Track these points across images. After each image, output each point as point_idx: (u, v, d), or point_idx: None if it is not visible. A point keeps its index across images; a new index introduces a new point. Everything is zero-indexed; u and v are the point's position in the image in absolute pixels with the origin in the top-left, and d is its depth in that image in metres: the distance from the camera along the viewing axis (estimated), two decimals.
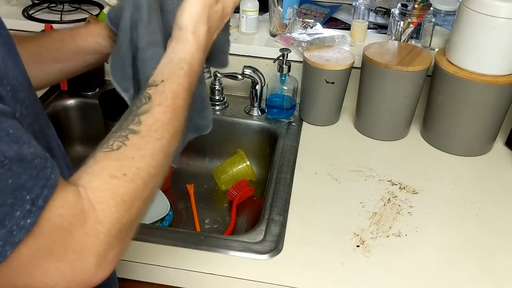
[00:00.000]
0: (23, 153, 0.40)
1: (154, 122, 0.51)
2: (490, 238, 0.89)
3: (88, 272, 0.44)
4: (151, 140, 0.50)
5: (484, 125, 1.08)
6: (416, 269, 0.81)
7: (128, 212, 0.47)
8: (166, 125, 0.52)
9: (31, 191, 0.39)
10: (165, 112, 0.53)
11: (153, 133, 0.51)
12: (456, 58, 1.05)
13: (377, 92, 1.10)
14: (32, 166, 0.40)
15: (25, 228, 0.39)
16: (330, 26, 1.49)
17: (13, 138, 0.40)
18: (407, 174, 1.04)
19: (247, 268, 0.79)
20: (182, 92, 0.55)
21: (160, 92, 0.53)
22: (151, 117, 0.51)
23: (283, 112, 1.20)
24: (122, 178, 0.47)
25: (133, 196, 0.47)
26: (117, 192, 0.46)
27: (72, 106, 1.26)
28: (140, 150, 0.49)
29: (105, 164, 0.47)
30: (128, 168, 0.47)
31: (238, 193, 1.12)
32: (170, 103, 0.53)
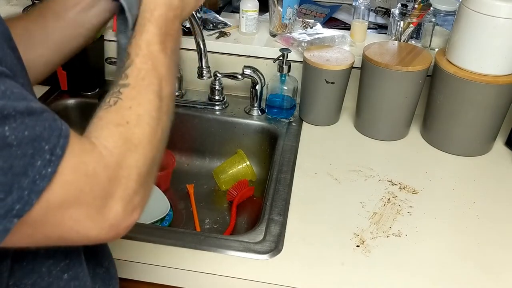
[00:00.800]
0: (33, 107, 0.42)
1: (139, 72, 0.54)
2: (490, 238, 0.89)
3: (116, 217, 0.46)
4: (142, 88, 0.53)
5: (484, 125, 1.08)
6: (416, 269, 0.81)
7: (143, 155, 0.50)
8: (150, 71, 0.55)
9: (49, 141, 0.41)
10: (145, 60, 0.55)
11: (141, 82, 0.54)
12: (456, 58, 1.05)
13: (377, 92, 1.10)
14: (43, 118, 0.42)
15: (47, 177, 0.41)
16: (330, 26, 1.49)
17: (19, 96, 0.41)
18: (407, 174, 1.04)
19: (247, 268, 0.79)
20: (153, 37, 0.57)
21: (134, 46, 0.57)
22: (134, 69, 0.55)
23: (283, 112, 1.20)
24: (127, 125, 0.50)
25: (142, 139, 0.50)
26: (127, 138, 0.49)
27: (72, 106, 1.26)
28: (135, 99, 0.52)
29: (108, 118, 0.50)
30: (129, 116, 0.51)
31: (238, 193, 1.12)
32: (146, 51, 0.56)
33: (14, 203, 0.40)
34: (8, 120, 0.39)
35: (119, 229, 0.48)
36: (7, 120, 0.39)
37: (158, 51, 0.57)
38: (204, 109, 1.23)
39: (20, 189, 0.40)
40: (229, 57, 1.26)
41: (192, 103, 1.24)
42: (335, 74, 1.11)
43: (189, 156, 1.26)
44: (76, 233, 0.45)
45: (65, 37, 0.70)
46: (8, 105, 0.40)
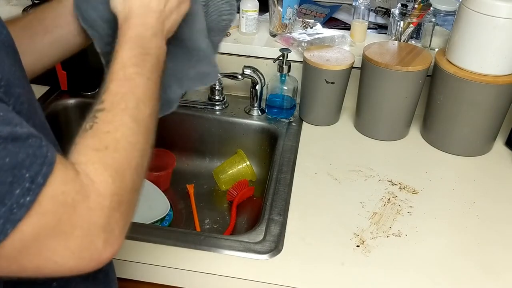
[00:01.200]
0: (17, 132, 0.40)
1: (114, 96, 0.54)
2: (490, 238, 0.89)
3: (97, 248, 0.45)
4: (117, 112, 0.52)
5: (484, 125, 1.08)
6: (416, 269, 0.81)
7: (123, 181, 0.48)
8: (126, 95, 0.54)
9: (30, 169, 0.40)
10: (120, 84, 0.55)
11: (116, 105, 0.53)
12: (456, 58, 1.05)
13: (377, 92, 1.10)
14: (28, 145, 0.41)
15: (25, 206, 0.40)
16: (330, 26, 1.49)
17: (4, 120, 0.40)
18: (407, 174, 1.04)
19: (247, 268, 0.79)
20: (127, 60, 0.57)
21: (109, 71, 0.56)
22: (109, 93, 0.54)
23: (283, 112, 1.20)
24: (105, 150, 0.49)
25: (122, 165, 0.49)
26: (107, 163, 0.48)
27: (72, 106, 1.26)
28: (111, 123, 0.51)
29: (85, 143, 0.49)
30: (107, 140, 0.49)
31: (238, 193, 1.12)
32: (121, 75, 0.55)
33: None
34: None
35: (101, 259, 0.46)
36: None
37: (134, 74, 0.56)
38: (204, 109, 1.23)
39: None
40: (229, 57, 1.26)
41: (192, 103, 1.24)
42: (335, 74, 1.11)
43: (189, 156, 1.27)
44: (54, 264, 0.43)
45: (52, 51, 0.70)
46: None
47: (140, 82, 0.56)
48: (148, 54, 0.59)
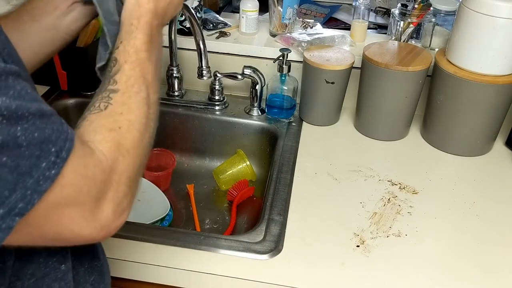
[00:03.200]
0: (44, 109, 0.43)
1: (128, 78, 0.56)
2: (490, 238, 0.89)
3: (107, 218, 0.48)
4: (132, 94, 0.55)
5: (484, 125, 1.08)
6: (416, 269, 0.81)
7: (133, 160, 0.52)
8: (139, 78, 0.56)
9: (55, 144, 0.43)
10: (134, 67, 0.57)
11: (130, 88, 0.55)
12: (456, 58, 1.05)
13: (377, 92, 1.10)
14: (52, 121, 0.44)
15: (50, 179, 0.42)
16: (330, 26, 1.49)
17: (32, 97, 0.43)
18: (407, 174, 1.04)
19: (247, 268, 0.79)
20: (141, 44, 0.59)
21: (122, 52, 0.58)
22: (123, 75, 0.56)
23: (283, 112, 1.20)
24: (119, 130, 0.52)
25: (132, 145, 0.52)
26: (119, 143, 0.51)
27: (72, 106, 1.26)
28: (125, 104, 0.54)
29: (100, 122, 0.52)
30: (121, 121, 0.52)
31: (238, 193, 1.12)
32: (135, 58, 0.57)
33: (17, 202, 0.41)
34: (21, 121, 0.41)
35: (110, 229, 0.49)
36: (20, 121, 0.41)
37: (146, 59, 0.58)
38: (204, 109, 1.23)
39: (24, 189, 0.41)
40: (229, 57, 1.26)
41: (192, 103, 1.24)
42: (335, 74, 1.11)
43: (189, 156, 1.27)
44: (70, 232, 0.46)
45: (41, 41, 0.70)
46: (23, 105, 0.41)
47: (149, 68, 0.58)
48: (155, 42, 0.61)
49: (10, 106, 0.40)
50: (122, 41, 0.59)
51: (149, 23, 0.61)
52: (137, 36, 0.59)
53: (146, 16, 0.61)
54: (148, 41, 0.60)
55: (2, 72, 0.41)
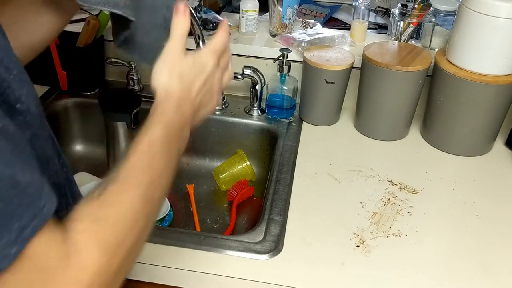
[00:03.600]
0: (17, 178, 0.38)
1: (131, 169, 0.52)
2: (490, 238, 0.89)
3: None
4: (129, 187, 0.50)
5: (484, 125, 1.08)
6: (416, 269, 0.81)
7: (111, 260, 0.45)
8: (142, 172, 0.52)
9: (21, 219, 0.38)
10: (141, 159, 0.53)
11: (130, 179, 0.51)
12: (456, 58, 1.05)
13: (377, 92, 1.10)
14: (26, 194, 0.39)
15: (8, 257, 0.37)
16: (330, 26, 1.49)
17: (8, 161, 0.38)
18: (407, 174, 1.04)
19: (247, 268, 0.79)
20: (157, 138, 0.55)
21: (136, 143, 0.54)
22: (128, 165, 0.52)
23: (283, 112, 1.20)
24: (104, 222, 0.46)
25: (115, 242, 0.46)
26: (100, 237, 0.45)
27: (72, 106, 1.26)
28: (119, 196, 0.49)
29: (88, 210, 0.47)
30: (108, 213, 0.47)
31: (238, 193, 1.12)
32: (146, 149, 0.54)
33: None
34: None
35: None
36: None
37: (158, 153, 0.55)
38: None
39: None
40: None
41: None
42: (335, 74, 1.11)
43: (189, 156, 1.27)
44: None
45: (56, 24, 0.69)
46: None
47: (160, 164, 0.55)
48: (176, 142, 0.58)
49: None
50: (142, 132, 0.55)
51: (171, 120, 0.57)
52: (155, 131, 0.55)
53: (171, 113, 0.58)
54: (166, 137, 0.56)
55: None
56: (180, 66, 0.60)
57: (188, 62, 0.61)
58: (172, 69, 0.60)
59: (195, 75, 0.61)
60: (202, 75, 0.62)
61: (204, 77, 0.62)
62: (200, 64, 0.62)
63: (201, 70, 0.62)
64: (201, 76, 0.62)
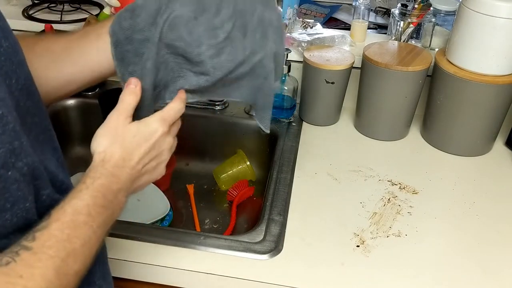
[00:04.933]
0: None
1: (49, 238, 0.48)
2: (490, 238, 0.89)
3: None
4: (43, 258, 0.47)
5: (484, 125, 1.08)
6: (416, 269, 0.81)
7: None
8: (62, 242, 0.48)
9: None
10: (63, 228, 0.49)
11: (46, 250, 0.47)
12: (456, 58, 1.05)
13: (377, 92, 1.10)
14: None
15: None
16: (330, 26, 1.49)
17: None
18: (407, 174, 1.04)
19: (247, 268, 0.79)
20: (83, 207, 0.52)
21: (59, 208, 0.51)
22: (46, 233, 0.48)
23: (283, 112, 1.20)
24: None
25: None
26: None
27: (72, 106, 1.25)
28: (30, 267, 0.45)
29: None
30: (14, 286, 0.44)
31: (238, 193, 1.12)
32: (69, 218, 0.50)
33: None
34: None
35: None
36: None
37: (83, 223, 0.51)
38: (204, 109, 1.23)
39: None
40: None
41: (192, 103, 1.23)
42: (335, 74, 1.11)
43: (189, 156, 1.26)
44: None
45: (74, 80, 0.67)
46: None
47: (83, 234, 0.51)
48: (106, 207, 0.55)
49: None
50: (67, 198, 0.52)
51: (104, 186, 0.55)
52: (82, 198, 0.53)
53: (104, 179, 0.56)
54: (94, 205, 0.53)
55: None
56: (123, 133, 0.60)
57: (132, 130, 0.61)
58: (115, 135, 0.60)
59: (139, 142, 0.61)
60: (148, 143, 0.61)
61: (150, 145, 0.62)
62: (145, 132, 0.61)
63: (147, 138, 0.61)
64: (147, 144, 0.61)
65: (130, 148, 0.60)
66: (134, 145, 0.60)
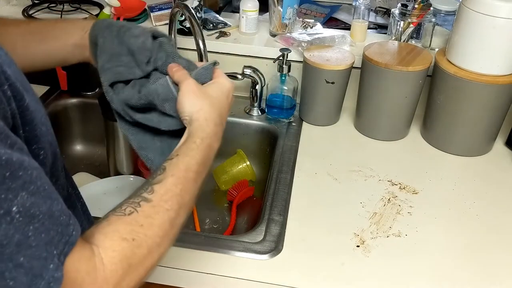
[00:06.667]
0: (53, 209, 0.42)
1: (166, 192, 0.54)
2: (490, 238, 0.89)
3: None
4: (161, 210, 0.52)
5: (484, 125, 1.08)
6: (416, 269, 0.81)
7: (131, 276, 0.48)
8: (176, 196, 0.54)
9: (57, 247, 0.42)
10: (177, 183, 0.55)
11: (163, 203, 0.53)
12: (456, 58, 1.05)
13: (377, 92, 1.10)
14: (59, 223, 0.43)
15: (58, 280, 0.41)
16: (330, 26, 1.49)
17: (47, 194, 0.42)
18: (407, 174, 1.04)
19: (247, 268, 0.79)
20: (194, 165, 0.58)
21: (174, 164, 0.56)
22: (163, 187, 0.54)
23: (283, 112, 1.20)
24: (131, 242, 0.49)
25: (137, 261, 0.49)
26: (125, 255, 0.48)
27: (72, 106, 1.26)
28: (150, 218, 0.51)
29: (117, 227, 0.49)
30: (137, 233, 0.49)
31: (238, 193, 1.12)
32: (182, 175, 0.56)
33: None
34: (33, 220, 0.40)
35: None
36: (32, 220, 0.40)
37: (192, 179, 0.57)
38: None
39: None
40: (229, 57, 1.26)
41: None
42: (335, 74, 1.11)
43: None
44: None
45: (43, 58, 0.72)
46: (36, 203, 0.41)
47: (192, 189, 0.57)
48: (208, 166, 0.61)
49: (25, 203, 0.40)
50: (179, 154, 0.58)
51: (209, 146, 0.60)
52: (194, 156, 0.58)
53: (210, 139, 0.61)
54: (202, 163, 0.59)
55: (28, 166, 0.41)
56: (207, 93, 0.64)
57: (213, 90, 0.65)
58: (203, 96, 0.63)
59: (222, 99, 0.65)
60: (228, 99, 0.67)
61: (230, 100, 0.68)
62: (223, 89, 0.66)
63: (226, 95, 0.67)
64: (228, 100, 0.67)
65: (219, 106, 0.64)
66: (222, 103, 0.65)
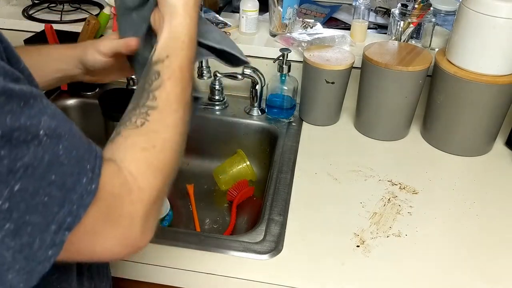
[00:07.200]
0: (74, 129, 0.45)
1: (168, 96, 0.55)
2: (490, 238, 0.89)
3: (136, 237, 0.48)
4: (170, 113, 0.54)
5: (484, 125, 1.08)
6: (416, 269, 0.81)
7: (162, 179, 0.51)
8: (179, 96, 0.56)
9: (89, 161, 0.44)
10: (176, 84, 0.56)
11: (169, 106, 0.54)
12: (456, 58, 1.05)
13: (377, 92, 1.10)
14: (83, 141, 0.45)
15: (92, 192, 0.43)
16: (330, 26, 1.49)
17: (63, 117, 0.45)
18: (407, 174, 1.04)
19: (247, 268, 0.79)
20: (187, 64, 0.58)
21: (167, 67, 0.56)
22: (164, 91, 0.55)
23: (283, 112, 1.20)
24: (153, 149, 0.51)
25: (164, 164, 0.52)
26: (151, 162, 0.50)
27: (72, 106, 1.26)
28: (162, 122, 0.53)
29: (134, 140, 0.51)
30: (156, 140, 0.52)
31: (238, 193, 1.12)
32: (179, 75, 0.56)
33: (66, 217, 0.42)
34: (61, 139, 0.42)
35: (137, 248, 0.50)
36: (60, 139, 0.42)
37: (188, 77, 0.58)
38: (204, 109, 1.23)
39: (71, 204, 0.42)
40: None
41: None
42: (335, 74, 1.11)
43: (189, 156, 1.26)
44: (103, 249, 0.47)
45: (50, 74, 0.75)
46: (60, 125, 0.43)
47: (188, 85, 0.58)
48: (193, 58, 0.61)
49: (51, 125, 0.41)
50: (169, 55, 0.57)
51: (193, 42, 0.60)
52: (185, 55, 0.58)
53: (194, 34, 0.60)
54: (190, 58, 0.59)
55: (37, 94, 0.42)
56: None
57: None
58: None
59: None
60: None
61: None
62: None
63: None
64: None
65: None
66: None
